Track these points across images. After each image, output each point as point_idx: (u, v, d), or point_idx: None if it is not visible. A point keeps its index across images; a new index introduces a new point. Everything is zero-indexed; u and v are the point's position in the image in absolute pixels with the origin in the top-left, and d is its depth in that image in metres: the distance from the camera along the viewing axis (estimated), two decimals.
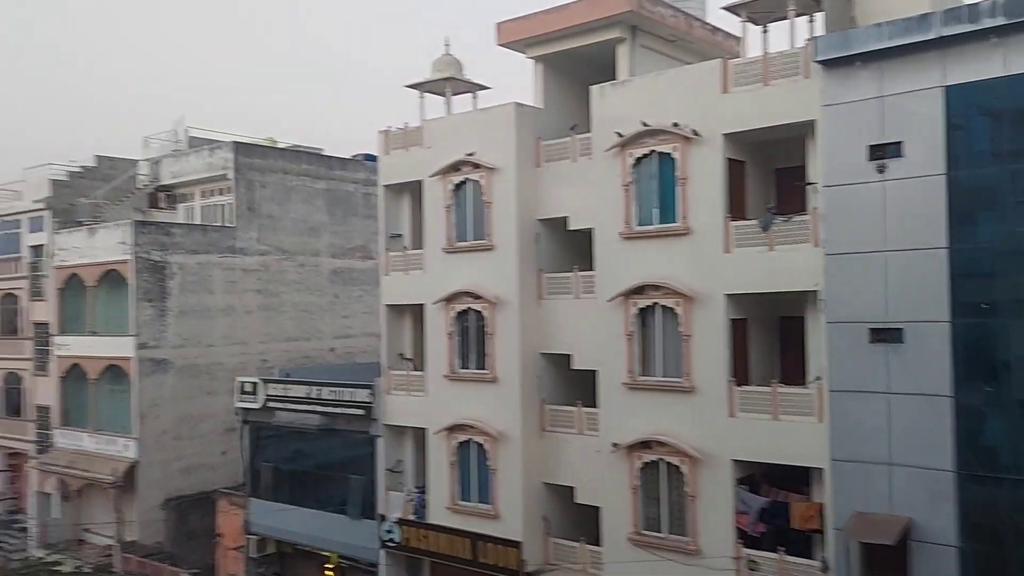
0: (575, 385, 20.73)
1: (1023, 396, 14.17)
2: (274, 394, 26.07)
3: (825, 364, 16.13)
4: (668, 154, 18.29)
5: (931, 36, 14.89)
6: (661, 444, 18.21)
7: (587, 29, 20.87)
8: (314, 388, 25.04)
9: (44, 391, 35.27)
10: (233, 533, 28.15)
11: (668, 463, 18.22)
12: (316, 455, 26.36)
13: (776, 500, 17.13)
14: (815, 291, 16.41)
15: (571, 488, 20.45)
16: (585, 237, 20.07)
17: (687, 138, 17.91)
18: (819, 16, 17.88)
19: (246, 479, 27.47)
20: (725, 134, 17.61)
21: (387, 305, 23.94)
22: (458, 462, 21.84)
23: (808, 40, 16.84)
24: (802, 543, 16.86)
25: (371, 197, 34.22)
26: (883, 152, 15.52)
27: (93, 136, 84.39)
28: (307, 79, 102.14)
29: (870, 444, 15.48)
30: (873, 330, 15.49)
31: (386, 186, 24.07)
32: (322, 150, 37.70)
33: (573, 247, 21.08)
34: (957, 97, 14.84)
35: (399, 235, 24.11)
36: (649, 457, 18.48)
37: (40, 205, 35.74)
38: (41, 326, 35.56)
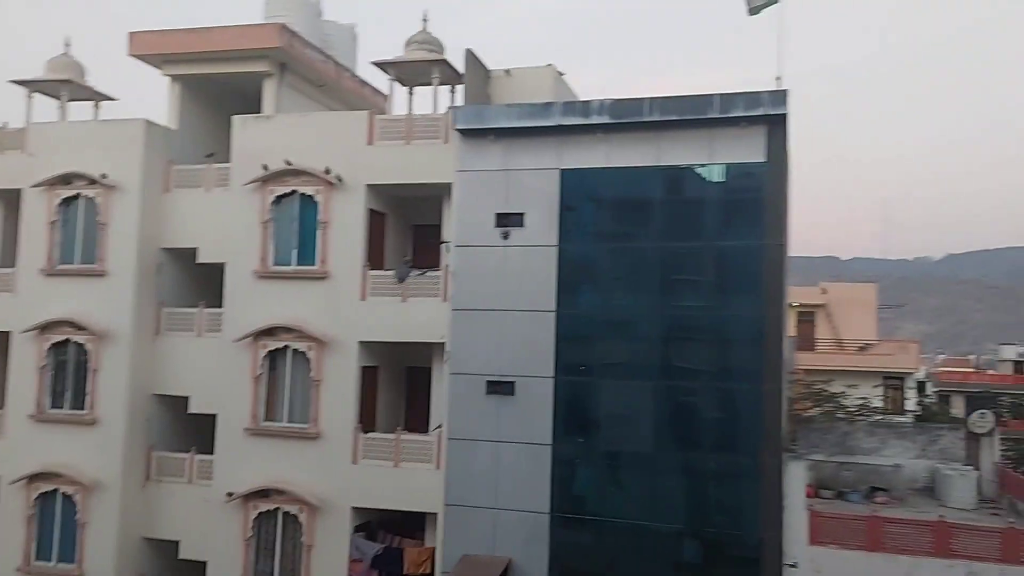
0: (194, 431, 19.31)
1: (608, 449, 16.32)
2: None
3: (446, 413, 17.02)
4: (311, 196, 18.16)
5: (550, 123, 16.78)
6: (280, 492, 17.65)
7: (233, 57, 20.03)
8: None
9: None
10: None
11: (286, 512, 17.71)
12: None
13: (390, 546, 17.49)
14: (441, 343, 17.31)
15: (176, 543, 18.85)
16: (215, 272, 19.00)
17: (331, 183, 17.96)
18: (460, 88, 19.21)
19: None
20: (368, 185, 17.99)
21: None
22: (37, 516, 18.98)
23: (449, 108, 18.00)
24: None
25: None
26: (508, 220, 17.01)
27: None
28: None
29: (480, 489, 16.57)
30: (489, 382, 16.73)
31: None
32: None
33: (200, 282, 19.82)
34: (570, 180, 16.83)
35: None
36: (266, 506, 17.79)
37: None
38: None
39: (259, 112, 19.68)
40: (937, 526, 15.72)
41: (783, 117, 15.63)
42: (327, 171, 17.93)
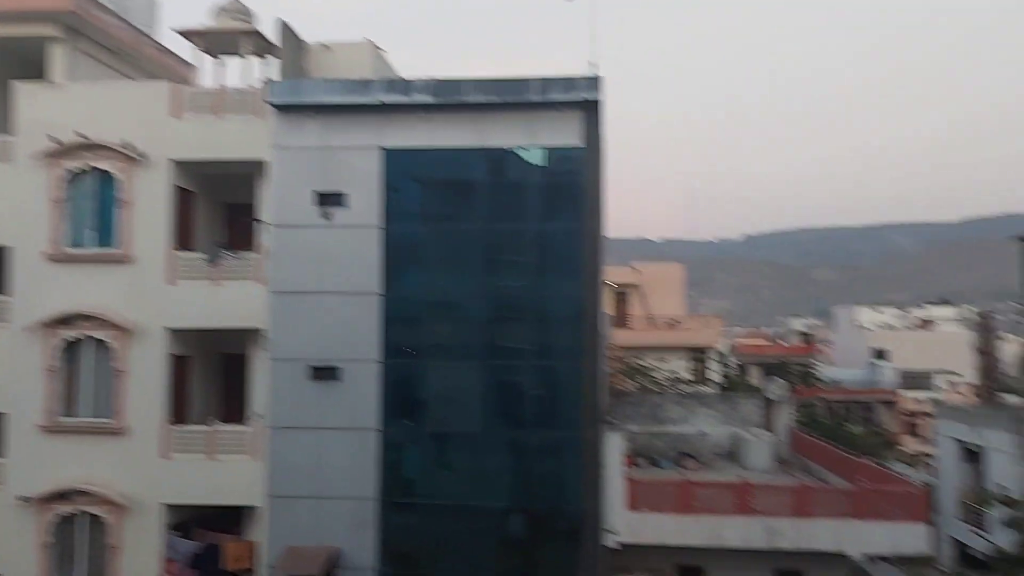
0: None
1: (436, 431, 16.29)
2: None
3: (266, 401, 16.35)
4: (109, 172, 16.77)
5: (371, 100, 16.41)
6: (82, 493, 16.31)
7: (13, 17, 18.00)
8: None
9: None
10: None
11: (89, 514, 16.39)
12: None
13: (208, 543, 16.62)
14: (259, 328, 16.57)
15: None
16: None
17: (131, 158, 16.65)
18: (274, 60, 18.32)
19: None
20: (173, 160, 16.86)
21: None
22: None
23: (264, 81, 17.16)
24: None
25: None
26: (328, 200, 16.50)
27: None
28: None
29: (304, 478, 16.08)
30: (313, 368, 16.24)
31: None
32: None
33: None
34: (393, 159, 16.56)
35: None
36: (66, 509, 16.39)
37: None
38: None
39: (46, 79, 17.86)
40: (739, 487, 16.96)
41: (597, 103, 16.14)
42: (125, 145, 16.60)
